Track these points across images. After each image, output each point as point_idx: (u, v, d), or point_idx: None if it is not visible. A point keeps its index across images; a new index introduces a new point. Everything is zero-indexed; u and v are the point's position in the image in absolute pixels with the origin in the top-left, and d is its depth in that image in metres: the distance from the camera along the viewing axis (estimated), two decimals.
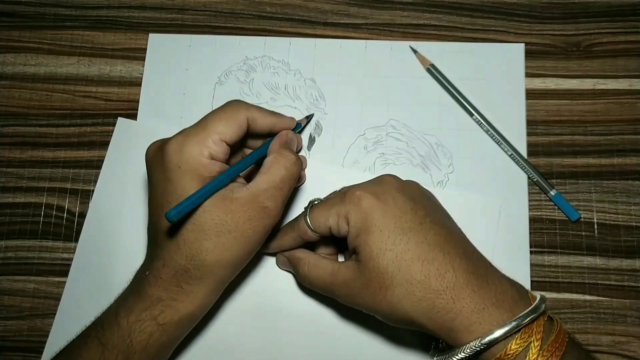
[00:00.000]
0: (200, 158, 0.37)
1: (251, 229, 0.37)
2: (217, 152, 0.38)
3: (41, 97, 0.51)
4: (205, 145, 0.37)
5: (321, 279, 0.39)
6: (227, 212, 0.37)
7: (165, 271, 0.37)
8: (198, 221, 0.37)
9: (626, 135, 0.47)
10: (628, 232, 0.46)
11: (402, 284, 0.35)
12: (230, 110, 0.40)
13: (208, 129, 0.38)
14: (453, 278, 0.34)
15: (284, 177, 0.38)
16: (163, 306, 0.37)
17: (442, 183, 0.47)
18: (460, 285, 0.34)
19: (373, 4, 0.52)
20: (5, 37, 0.52)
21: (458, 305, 0.34)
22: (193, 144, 0.37)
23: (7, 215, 0.48)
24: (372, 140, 0.48)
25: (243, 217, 0.37)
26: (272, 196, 0.38)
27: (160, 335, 0.37)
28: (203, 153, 0.37)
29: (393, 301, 0.35)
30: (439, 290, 0.34)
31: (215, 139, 0.38)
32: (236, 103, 0.41)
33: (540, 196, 0.46)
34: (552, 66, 0.49)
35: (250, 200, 0.37)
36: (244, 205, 0.37)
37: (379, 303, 0.36)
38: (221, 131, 0.38)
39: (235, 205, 0.37)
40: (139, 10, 0.53)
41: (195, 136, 0.38)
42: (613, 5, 0.50)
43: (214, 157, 0.38)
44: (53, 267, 0.47)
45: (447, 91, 0.49)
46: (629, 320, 0.44)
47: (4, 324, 0.46)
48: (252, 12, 0.52)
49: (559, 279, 0.45)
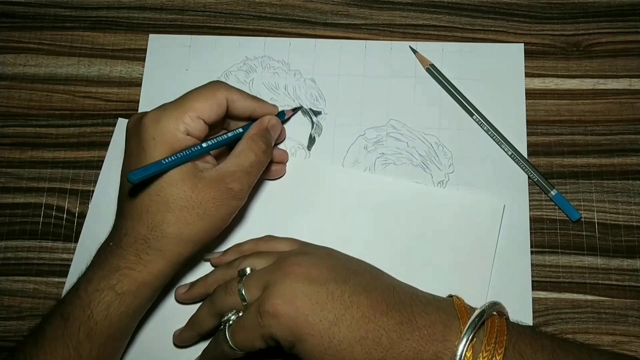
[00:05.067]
0: (176, 132, 0.38)
1: (214, 208, 0.38)
2: (193, 129, 0.39)
3: (41, 98, 0.51)
4: (181, 120, 0.39)
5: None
6: (193, 188, 0.38)
7: (125, 240, 0.38)
8: (163, 193, 0.38)
9: (626, 135, 0.47)
10: (629, 231, 0.45)
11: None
12: (210, 90, 0.41)
13: (186, 106, 0.39)
14: (387, 339, 0.34)
15: (253, 162, 0.40)
16: (120, 275, 0.37)
17: (442, 183, 0.47)
18: (395, 342, 0.34)
19: (373, 5, 0.52)
20: (5, 38, 0.52)
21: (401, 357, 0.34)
22: (170, 118, 0.39)
23: (7, 215, 0.48)
24: (372, 140, 0.48)
25: (208, 196, 0.38)
26: (239, 179, 0.39)
27: (120, 304, 0.37)
28: (179, 128, 0.38)
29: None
30: (381, 358, 0.34)
31: (193, 116, 0.39)
32: (217, 83, 0.42)
33: (541, 196, 0.46)
34: (552, 66, 0.49)
35: (217, 180, 0.39)
36: (210, 184, 0.38)
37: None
38: (199, 108, 0.39)
39: (202, 183, 0.38)
40: (138, 11, 0.53)
41: (173, 111, 0.39)
42: (613, 6, 0.50)
43: (190, 133, 0.39)
44: (53, 268, 0.47)
45: (447, 91, 0.49)
46: (630, 320, 0.44)
47: (3, 324, 0.46)
48: (252, 12, 0.52)
49: (559, 279, 0.45)
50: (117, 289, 0.37)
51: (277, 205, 0.46)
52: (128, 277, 0.38)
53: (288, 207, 0.46)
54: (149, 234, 0.38)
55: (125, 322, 0.39)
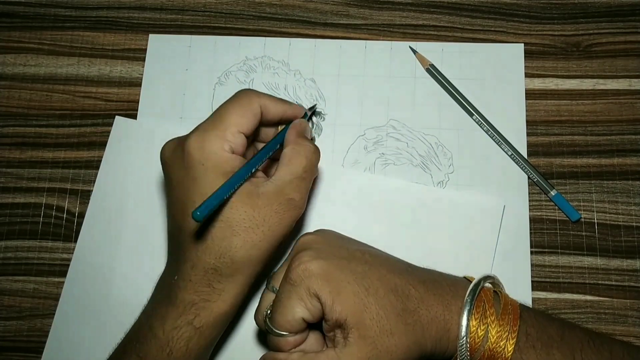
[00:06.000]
0: (222, 153, 0.36)
1: (278, 222, 0.37)
2: (237, 145, 0.37)
3: (41, 98, 0.51)
4: (225, 139, 0.37)
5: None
6: (254, 207, 0.36)
7: (194, 273, 0.36)
8: (225, 218, 0.36)
9: (626, 135, 0.47)
10: (628, 232, 0.46)
11: (398, 323, 0.34)
12: (243, 100, 0.39)
13: (225, 122, 0.37)
14: (416, 292, 0.35)
15: (306, 166, 0.38)
16: (197, 309, 0.36)
17: (442, 183, 0.47)
18: (424, 295, 0.35)
19: (372, 5, 0.52)
20: (5, 38, 0.52)
21: (432, 312, 0.34)
22: (213, 138, 0.37)
23: (7, 215, 0.48)
24: (372, 140, 0.48)
25: (270, 211, 0.36)
26: (297, 187, 0.38)
27: (199, 338, 0.37)
28: (224, 147, 0.37)
29: (401, 341, 0.34)
30: (415, 309, 0.34)
31: (234, 131, 0.37)
32: (248, 92, 0.40)
33: (541, 196, 0.46)
34: (552, 66, 0.49)
35: (276, 194, 0.37)
36: (270, 199, 0.37)
37: (400, 353, 0.34)
38: (238, 122, 0.38)
39: (261, 200, 0.36)
40: (138, 11, 0.53)
41: (214, 130, 0.37)
42: (612, 6, 0.50)
43: (234, 150, 0.37)
44: (53, 268, 0.47)
45: (447, 91, 0.49)
46: (629, 320, 0.44)
47: (3, 324, 0.46)
48: (252, 12, 0.52)
49: (559, 279, 0.45)
50: (195, 323, 0.36)
51: None
52: (205, 310, 0.37)
53: None
54: (218, 262, 0.36)
55: (203, 354, 0.38)
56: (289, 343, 0.35)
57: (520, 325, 0.34)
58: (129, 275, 0.46)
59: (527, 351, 0.34)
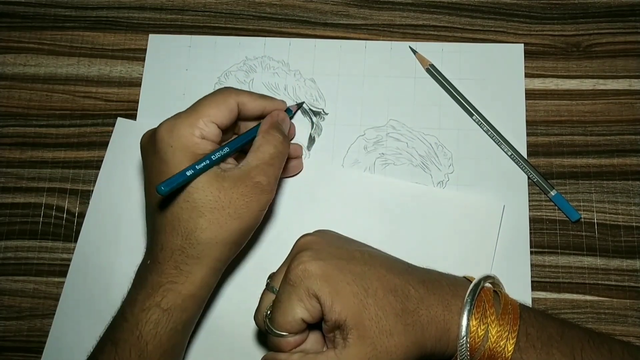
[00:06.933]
0: (192, 137, 0.38)
1: (245, 206, 0.38)
2: (208, 133, 0.39)
3: (41, 98, 0.51)
4: (196, 125, 0.39)
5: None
6: (220, 189, 0.37)
7: (162, 255, 0.38)
8: (191, 199, 0.37)
9: (626, 135, 0.47)
10: (628, 232, 0.46)
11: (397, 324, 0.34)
12: (220, 96, 0.41)
13: (199, 112, 0.39)
14: (416, 292, 0.35)
15: (273, 154, 0.40)
16: (164, 291, 0.37)
17: (442, 183, 0.47)
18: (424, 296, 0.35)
19: (372, 5, 0.52)
20: (5, 38, 0.53)
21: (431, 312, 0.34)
22: (184, 124, 0.39)
23: (7, 215, 0.48)
24: (372, 141, 0.48)
25: (236, 193, 0.38)
26: (264, 171, 0.39)
27: (168, 321, 0.37)
28: (194, 132, 0.38)
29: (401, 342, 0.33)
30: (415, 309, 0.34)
31: (206, 120, 0.39)
32: (226, 89, 0.42)
33: (541, 196, 0.46)
34: (552, 66, 0.49)
35: (242, 177, 0.38)
36: (236, 182, 0.38)
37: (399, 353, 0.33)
38: (211, 113, 0.39)
39: (227, 183, 0.38)
40: (138, 11, 0.53)
41: (186, 118, 0.39)
42: (612, 6, 0.50)
43: (205, 137, 0.39)
44: (53, 268, 0.47)
45: (447, 91, 0.49)
46: (629, 320, 0.44)
47: (3, 324, 0.46)
48: (252, 12, 0.52)
49: (559, 280, 0.45)
50: (162, 305, 0.37)
51: (277, 205, 0.46)
52: (172, 292, 0.37)
53: (288, 207, 0.46)
54: (184, 243, 0.37)
55: (176, 339, 0.38)
56: (289, 343, 0.35)
57: (520, 325, 0.34)
58: (129, 275, 0.45)
59: (527, 351, 0.34)
